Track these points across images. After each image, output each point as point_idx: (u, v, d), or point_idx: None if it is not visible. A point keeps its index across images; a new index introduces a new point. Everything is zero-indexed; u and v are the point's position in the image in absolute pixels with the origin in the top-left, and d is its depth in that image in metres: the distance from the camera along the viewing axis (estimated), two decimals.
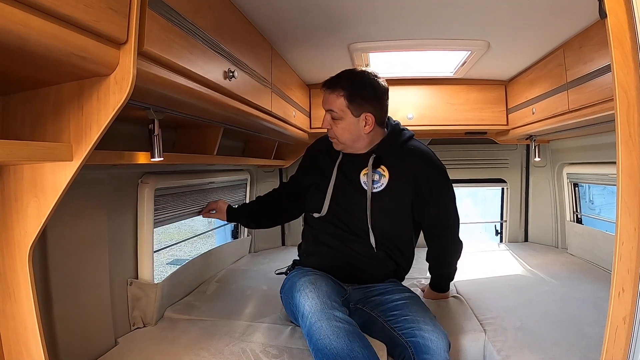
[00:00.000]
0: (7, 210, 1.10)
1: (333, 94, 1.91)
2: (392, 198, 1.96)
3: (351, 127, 1.91)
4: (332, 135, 1.97)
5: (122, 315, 1.89)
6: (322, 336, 1.45)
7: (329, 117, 1.95)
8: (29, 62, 0.88)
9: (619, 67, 1.02)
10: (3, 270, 1.12)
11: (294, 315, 1.78)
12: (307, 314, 1.55)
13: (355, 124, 1.91)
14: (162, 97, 1.36)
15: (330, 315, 1.51)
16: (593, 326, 1.86)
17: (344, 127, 1.92)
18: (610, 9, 1.03)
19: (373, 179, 1.96)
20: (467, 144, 3.83)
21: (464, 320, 2.03)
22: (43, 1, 0.75)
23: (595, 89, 1.93)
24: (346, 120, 1.91)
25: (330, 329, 1.46)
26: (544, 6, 1.82)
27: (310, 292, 1.64)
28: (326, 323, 1.48)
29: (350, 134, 1.93)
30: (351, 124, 1.91)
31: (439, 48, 2.43)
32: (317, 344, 1.46)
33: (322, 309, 1.54)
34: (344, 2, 1.80)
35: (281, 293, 2.00)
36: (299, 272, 1.88)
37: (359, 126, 1.91)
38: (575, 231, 3.34)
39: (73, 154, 1.00)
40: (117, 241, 1.85)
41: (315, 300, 1.59)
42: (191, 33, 1.31)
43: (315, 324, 1.49)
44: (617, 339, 1.03)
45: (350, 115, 1.90)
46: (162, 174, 2.11)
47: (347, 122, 1.91)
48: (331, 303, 1.59)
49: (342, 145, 1.98)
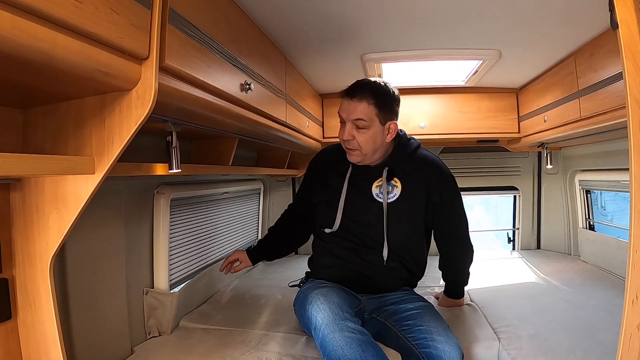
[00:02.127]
0: (28, 221, 1.13)
1: (362, 102, 1.81)
2: (406, 207, 1.94)
3: (377, 136, 1.85)
4: (355, 146, 1.86)
5: (138, 324, 1.91)
6: (335, 347, 1.45)
7: (352, 126, 1.84)
8: (53, 78, 0.91)
9: (631, 77, 1.03)
10: (24, 281, 1.15)
11: (307, 327, 1.76)
12: (320, 325, 1.55)
13: (381, 132, 1.86)
14: (181, 110, 1.39)
15: (343, 326, 1.51)
16: (607, 333, 1.85)
17: (370, 136, 1.84)
18: (621, 19, 1.04)
19: (387, 190, 1.94)
20: (479, 152, 3.83)
21: (477, 329, 2.02)
22: (69, 19, 0.77)
23: (607, 96, 1.93)
24: (373, 129, 1.83)
25: (343, 339, 1.46)
26: (554, 15, 1.83)
27: (322, 304, 1.64)
28: (339, 334, 1.48)
29: (374, 143, 1.86)
30: (377, 132, 1.84)
31: (451, 58, 2.44)
32: (330, 355, 1.46)
33: (334, 320, 1.54)
34: (356, 13, 1.83)
35: (294, 306, 1.99)
36: (311, 285, 1.88)
37: (383, 135, 1.87)
38: (588, 238, 3.32)
39: (95, 167, 1.02)
40: (133, 251, 1.87)
41: (327, 312, 1.58)
42: (209, 47, 1.33)
43: (328, 336, 1.49)
44: (632, 346, 1.03)
45: (377, 124, 1.83)
46: (177, 184, 2.14)
47: (374, 131, 1.84)
48: (343, 314, 1.58)
49: (362, 157, 1.90)
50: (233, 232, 2.96)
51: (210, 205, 2.61)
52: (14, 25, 0.69)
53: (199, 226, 2.46)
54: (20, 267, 1.15)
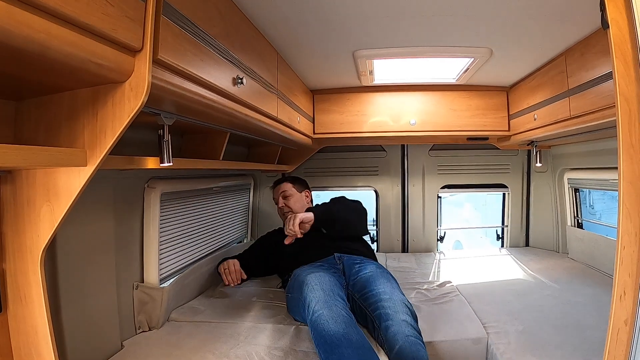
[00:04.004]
0: (19, 214, 1.12)
1: (281, 185, 2.96)
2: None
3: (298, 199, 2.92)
4: (287, 209, 2.86)
5: (128, 319, 1.90)
6: (323, 321, 1.69)
7: (281, 197, 2.91)
8: (47, 69, 0.90)
9: (621, 76, 1.04)
10: (14, 274, 1.14)
11: (299, 312, 1.99)
12: (313, 304, 1.78)
13: (300, 198, 2.95)
14: (173, 103, 1.39)
15: (332, 305, 1.76)
16: (594, 330, 1.88)
17: (295, 200, 2.91)
18: (612, 19, 1.05)
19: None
20: (469, 149, 3.86)
21: (467, 323, 2.05)
22: (64, 10, 0.77)
23: (597, 95, 1.96)
24: (295, 196, 2.92)
25: (331, 315, 1.71)
26: (546, 14, 1.84)
27: (315, 286, 1.89)
28: (327, 311, 1.73)
29: (298, 203, 2.90)
30: (298, 198, 2.93)
31: (443, 55, 2.45)
32: (317, 328, 1.68)
33: (325, 300, 1.79)
34: (349, 10, 1.83)
35: (287, 293, 2.18)
36: (306, 270, 2.13)
37: (303, 199, 2.96)
38: (576, 236, 3.36)
39: (87, 160, 1.02)
40: (123, 245, 1.87)
41: (320, 292, 1.84)
42: (203, 41, 1.33)
43: (317, 312, 1.74)
44: (619, 341, 1.05)
45: (296, 192, 2.94)
46: (168, 178, 2.13)
47: (295, 198, 2.92)
48: (333, 295, 1.83)
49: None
50: (223, 227, 2.96)
51: (201, 200, 2.60)
52: (9, 15, 0.69)
53: (189, 221, 2.46)
54: (10, 261, 1.14)
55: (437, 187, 3.92)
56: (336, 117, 3.21)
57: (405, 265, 3.28)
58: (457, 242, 7.91)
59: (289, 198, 2.89)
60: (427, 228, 3.93)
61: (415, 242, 3.92)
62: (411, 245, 3.91)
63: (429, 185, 3.92)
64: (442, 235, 4.00)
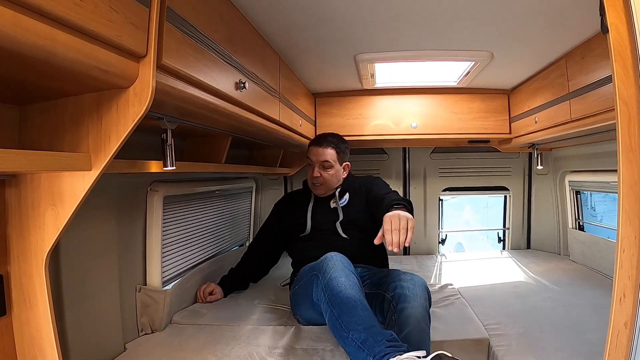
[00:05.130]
0: (23, 217, 1.13)
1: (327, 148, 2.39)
2: (354, 205, 2.42)
3: (337, 172, 2.43)
4: (321, 181, 2.40)
5: (130, 321, 1.91)
6: (340, 284, 1.75)
7: (319, 166, 2.39)
8: (52, 75, 0.91)
9: (620, 80, 1.05)
10: (19, 277, 1.15)
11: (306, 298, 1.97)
12: (329, 270, 1.83)
13: (339, 170, 2.44)
14: (176, 108, 1.40)
15: (349, 274, 1.82)
16: (595, 332, 1.88)
17: (333, 173, 2.41)
18: (612, 24, 1.06)
19: (339, 200, 2.45)
20: (470, 152, 3.87)
21: (468, 325, 2.06)
22: (70, 17, 0.78)
23: (597, 99, 1.97)
24: (335, 168, 2.41)
25: (348, 282, 1.77)
26: (546, 18, 1.85)
27: (335, 258, 1.91)
28: (344, 278, 1.78)
29: (336, 178, 2.43)
30: (338, 170, 2.43)
31: (444, 59, 2.46)
32: (333, 289, 1.74)
33: (342, 269, 1.83)
34: (350, 14, 1.84)
35: (295, 286, 2.16)
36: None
37: (340, 172, 2.46)
38: (577, 238, 3.36)
39: (92, 164, 1.03)
40: (126, 248, 1.88)
41: (339, 263, 1.87)
42: (205, 46, 1.34)
43: (335, 276, 1.79)
44: (619, 343, 1.06)
45: (337, 164, 2.42)
46: (171, 181, 2.14)
47: (335, 169, 2.41)
48: (349, 270, 1.86)
49: (324, 188, 2.44)
50: (225, 230, 2.97)
51: (203, 203, 2.61)
52: (16, 23, 0.69)
53: (192, 224, 2.46)
54: (15, 264, 1.15)
55: (438, 189, 3.93)
56: (338, 120, 3.22)
57: (407, 267, 3.27)
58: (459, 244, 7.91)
59: (328, 170, 2.38)
60: (428, 231, 3.94)
61: (417, 244, 3.93)
62: (413, 247, 3.91)
63: (430, 188, 3.93)
64: (443, 238, 4.01)
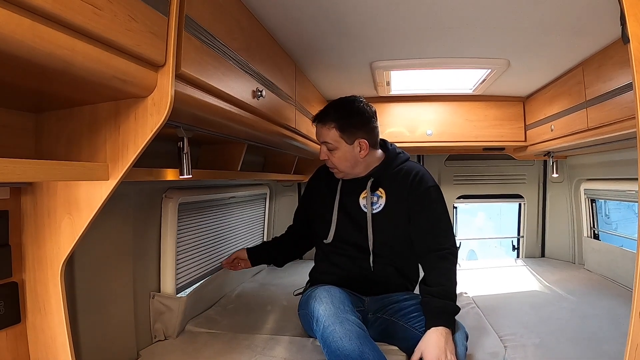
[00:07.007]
0: (39, 226, 1.13)
1: (325, 127, 1.97)
2: (390, 217, 2.00)
3: (347, 155, 1.97)
4: (331, 165, 2.02)
5: (144, 328, 1.91)
6: (335, 338, 1.52)
7: (324, 148, 2.00)
8: (70, 84, 0.91)
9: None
10: (34, 285, 1.15)
11: (311, 327, 1.79)
12: (322, 318, 1.61)
13: (350, 151, 1.96)
14: (193, 116, 1.39)
15: (343, 319, 1.58)
16: (611, 343, 1.85)
17: (341, 156, 1.97)
18: (633, 33, 1.03)
19: (372, 200, 2.02)
20: (485, 159, 3.85)
21: (483, 336, 2.03)
22: (88, 26, 0.77)
23: (615, 107, 1.93)
24: (341, 149, 1.96)
25: (343, 331, 1.53)
26: (564, 26, 1.83)
27: (324, 298, 1.70)
28: (339, 326, 1.55)
29: (347, 161, 1.98)
30: (347, 152, 1.96)
31: (460, 67, 2.44)
32: (330, 346, 1.52)
33: (335, 313, 1.60)
34: (366, 22, 1.83)
35: (299, 310, 2.05)
36: (315, 287, 1.92)
37: (355, 152, 1.97)
38: (592, 247, 3.32)
39: (109, 174, 1.02)
40: (140, 255, 1.87)
41: (329, 305, 1.65)
42: (224, 54, 1.33)
43: (328, 327, 1.56)
44: (637, 358, 1.03)
45: (344, 144, 1.95)
46: (185, 188, 2.14)
47: (343, 151, 1.96)
48: (344, 308, 1.65)
49: (342, 173, 2.04)
50: (239, 237, 2.96)
51: (217, 210, 2.61)
52: (34, 32, 0.69)
53: (206, 231, 2.46)
54: (30, 272, 1.15)
55: (453, 197, 3.90)
56: None
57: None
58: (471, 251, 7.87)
59: (333, 152, 1.97)
60: None
61: None
62: None
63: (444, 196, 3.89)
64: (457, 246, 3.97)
